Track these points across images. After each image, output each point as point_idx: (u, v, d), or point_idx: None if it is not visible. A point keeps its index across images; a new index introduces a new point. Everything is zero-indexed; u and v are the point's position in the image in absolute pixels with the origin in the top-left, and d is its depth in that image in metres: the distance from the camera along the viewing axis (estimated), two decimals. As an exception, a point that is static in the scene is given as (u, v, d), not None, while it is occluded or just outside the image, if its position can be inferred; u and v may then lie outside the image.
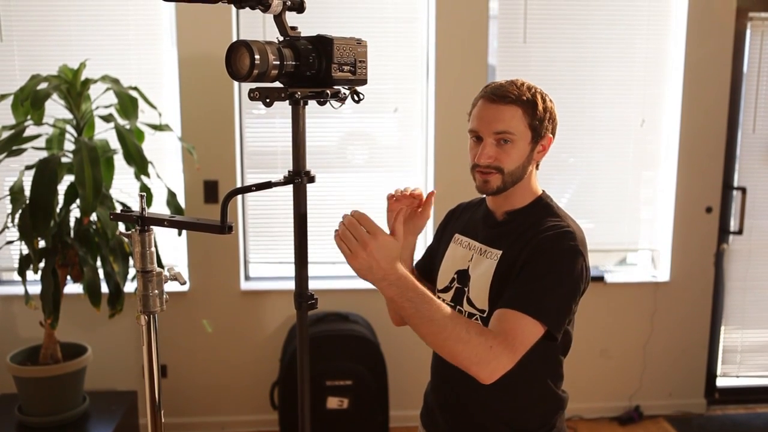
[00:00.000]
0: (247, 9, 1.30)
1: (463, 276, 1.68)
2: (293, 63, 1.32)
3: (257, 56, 1.25)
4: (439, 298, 1.70)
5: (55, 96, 2.79)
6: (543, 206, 1.63)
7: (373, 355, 3.33)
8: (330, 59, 1.34)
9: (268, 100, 1.32)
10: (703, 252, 3.81)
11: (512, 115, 1.55)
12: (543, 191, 1.67)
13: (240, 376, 3.64)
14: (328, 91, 1.38)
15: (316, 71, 1.35)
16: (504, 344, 1.41)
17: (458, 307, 1.66)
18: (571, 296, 1.51)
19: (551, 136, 1.62)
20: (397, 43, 3.52)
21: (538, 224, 1.57)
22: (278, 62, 1.29)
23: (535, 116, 1.56)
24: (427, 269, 1.89)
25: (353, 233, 1.35)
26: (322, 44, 1.34)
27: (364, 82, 1.42)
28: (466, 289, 1.65)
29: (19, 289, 3.03)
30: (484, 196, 1.70)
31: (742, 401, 4.03)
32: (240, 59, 1.27)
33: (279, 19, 1.34)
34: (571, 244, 1.52)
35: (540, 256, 1.51)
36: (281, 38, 1.36)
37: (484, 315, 1.59)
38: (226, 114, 3.42)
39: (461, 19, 3.45)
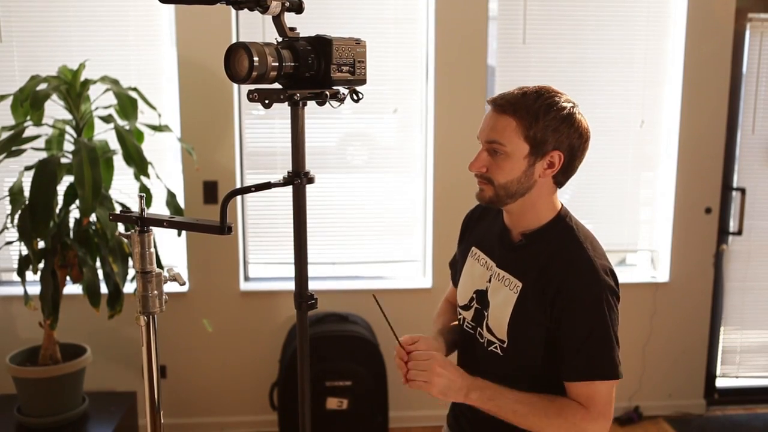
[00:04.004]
0: (246, 10, 1.30)
1: (482, 297, 1.62)
2: (292, 64, 1.32)
3: (256, 58, 1.25)
4: (459, 314, 1.68)
5: (54, 97, 2.79)
6: (561, 229, 1.54)
7: (373, 356, 3.33)
8: (329, 60, 1.34)
9: (267, 102, 1.32)
10: (702, 253, 3.81)
11: (505, 125, 1.47)
12: (562, 208, 1.58)
13: (239, 377, 3.64)
14: (327, 92, 1.38)
15: (315, 72, 1.35)
16: (588, 416, 1.46)
17: (478, 329, 1.62)
18: (616, 330, 1.50)
19: (561, 152, 1.49)
20: (397, 44, 3.52)
21: (558, 256, 1.50)
22: (277, 64, 1.29)
23: (534, 128, 1.46)
24: (455, 280, 1.81)
25: (416, 367, 1.48)
26: (321, 45, 1.34)
27: (363, 82, 1.42)
28: (486, 314, 1.60)
29: (18, 290, 3.03)
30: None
31: (741, 402, 4.03)
32: (239, 61, 1.27)
33: (278, 20, 1.34)
34: (600, 281, 1.47)
35: (580, 311, 1.47)
36: (280, 39, 1.36)
37: (504, 345, 1.55)
38: (226, 115, 3.42)
39: (461, 20, 3.45)
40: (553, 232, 1.54)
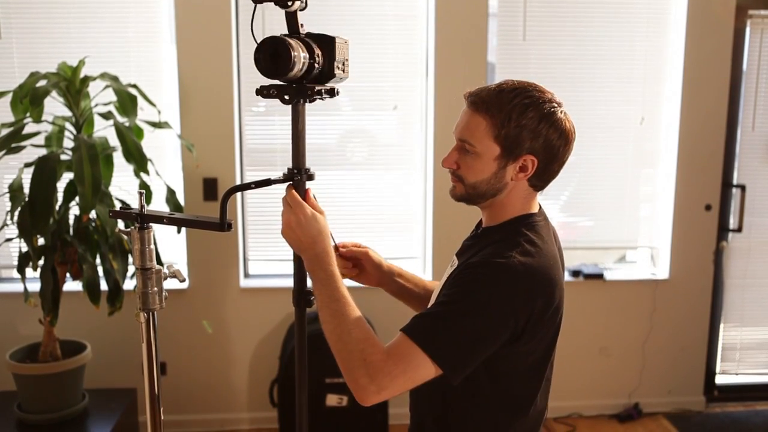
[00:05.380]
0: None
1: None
2: (311, 60, 1.34)
3: (295, 53, 1.26)
4: None
5: (54, 93, 2.79)
6: (512, 230, 1.42)
7: (373, 353, 3.32)
8: (333, 57, 1.36)
9: (287, 98, 1.33)
10: (702, 250, 3.81)
11: (476, 124, 1.40)
12: (530, 214, 1.46)
13: (239, 374, 3.64)
14: (336, 88, 1.41)
15: (320, 69, 1.36)
16: (381, 366, 1.28)
17: None
18: (478, 336, 1.31)
19: (534, 157, 1.39)
20: (397, 41, 3.51)
21: (488, 247, 1.40)
22: (310, 60, 1.30)
23: (506, 128, 1.37)
24: None
25: (284, 210, 1.40)
26: (325, 42, 1.36)
27: (346, 78, 1.45)
28: None
29: (18, 287, 3.03)
30: None
31: (741, 398, 4.04)
32: (284, 56, 1.26)
33: (293, 16, 1.35)
34: (498, 277, 1.33)
35: (455, 284, 1.36)
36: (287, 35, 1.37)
37: None
38: (226, 111, 3.41)
39: (461, 17, 3.45)
40: (504, 229, 1.45)
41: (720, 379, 4.02)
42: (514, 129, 1.37)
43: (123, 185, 3.05)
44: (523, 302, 1.34)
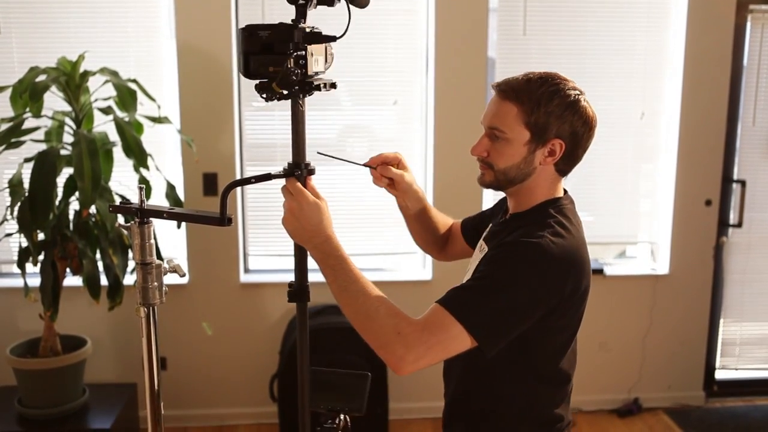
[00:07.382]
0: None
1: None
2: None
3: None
4: None
5: (53, 88, 2.79)
6: (541, 214, 1.49)
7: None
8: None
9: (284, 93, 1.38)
10: (702, 245, 3.81)
11: (506, 111, 1.46)
12: (558, 198, 1.53)
13: (239, 369, 3.64)
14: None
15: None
16: (417, 336, 1.32)
17: None
18: (513, 311, 1.37)
19: (562, 141, 1.46)
20: (397, 36, 3.51)
21: (520, 230, 1.45)
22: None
23: (536, 114, 1.44)
24: (470, 230, 1.81)
25: (285, 199, 1.40)
26: None
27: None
28: None
29: (18, 282, 3.03)
30: None
31: (740, 393, 4.04)
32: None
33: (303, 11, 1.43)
34: (531, 256, 1.38)
35: (490, 262, 1.42)
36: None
37: None
38: (226, 106, 3.41)
39: (461, 12, 3.44)
40: (534, 213, 1.51)
41: (720, 374, 4.02)
42: (543, 115, 1.45)
43: (123, 180, 3.05)
44: (556, 280, 1.40)
